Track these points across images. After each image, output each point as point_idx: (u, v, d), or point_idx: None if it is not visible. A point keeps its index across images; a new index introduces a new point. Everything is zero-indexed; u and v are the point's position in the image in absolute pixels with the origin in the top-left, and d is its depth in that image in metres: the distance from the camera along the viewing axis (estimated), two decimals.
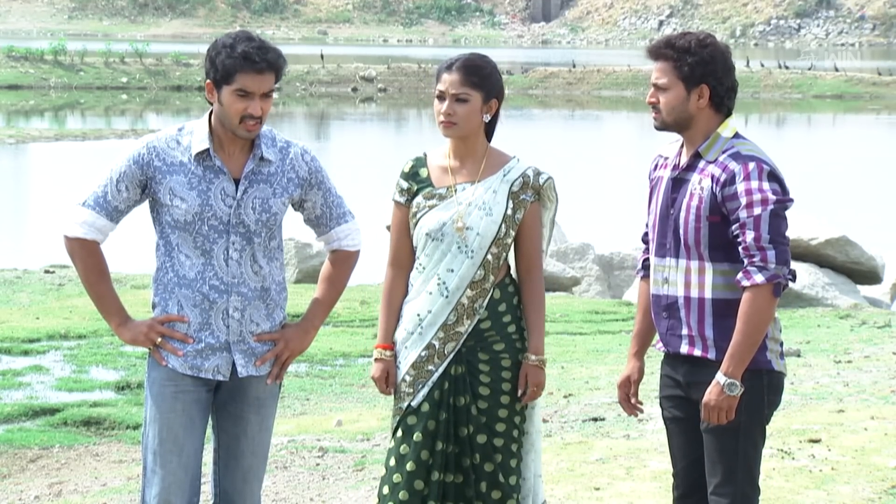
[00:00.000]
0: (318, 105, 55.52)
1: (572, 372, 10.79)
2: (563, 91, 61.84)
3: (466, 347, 5.06)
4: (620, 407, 5.06)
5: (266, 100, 4.66)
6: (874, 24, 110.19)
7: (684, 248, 4.65)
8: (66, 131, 40.32)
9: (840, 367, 10.64)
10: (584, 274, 17.03)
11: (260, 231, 4.72)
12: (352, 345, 11.93)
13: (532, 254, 5.10)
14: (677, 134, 4.73)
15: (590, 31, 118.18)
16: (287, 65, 4.76)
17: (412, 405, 5.06)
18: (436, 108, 5.06)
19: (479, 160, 5.10)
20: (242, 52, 4.61)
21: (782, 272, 4.50)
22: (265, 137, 4.76)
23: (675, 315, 4.70)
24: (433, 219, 5.05)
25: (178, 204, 4.66)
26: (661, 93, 4.66)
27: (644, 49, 4.99)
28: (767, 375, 4.64)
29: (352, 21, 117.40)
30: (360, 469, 7.66)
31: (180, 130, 4.75)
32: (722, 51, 4.66)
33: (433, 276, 5.06)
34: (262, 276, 4.74)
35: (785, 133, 43.08)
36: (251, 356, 4.75)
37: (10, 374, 10.52)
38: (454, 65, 5.04)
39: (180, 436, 4.72)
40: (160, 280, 4.75)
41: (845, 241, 16.08)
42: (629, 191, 27.96)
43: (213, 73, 4.66)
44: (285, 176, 4.77)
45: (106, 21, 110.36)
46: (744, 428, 4.62)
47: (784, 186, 4.56)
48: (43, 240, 20.76)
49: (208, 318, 4.70)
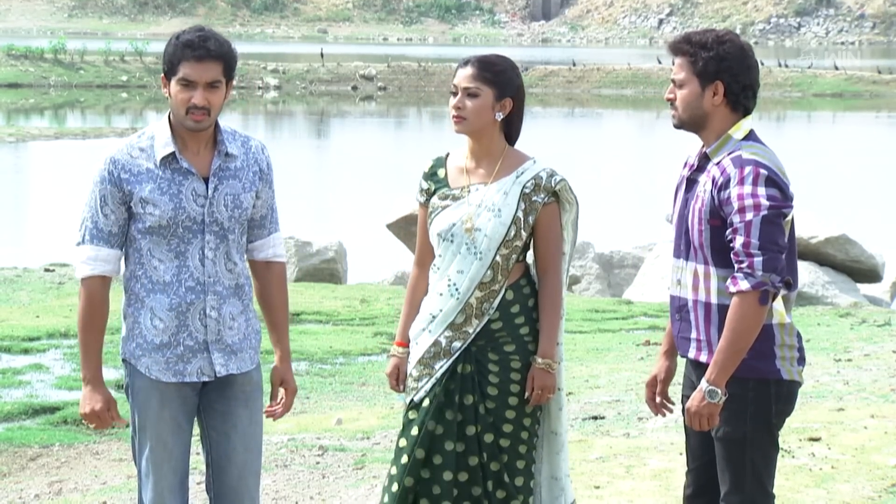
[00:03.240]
0: (318, 103, 55.49)
1: (572, 370, 10.79)
2: (563, 89, 61.82)
3: (477, 347, 5.05)
4: (647, 406, 4.96)
5: (213, 90, 4.58)
6: (874, 22, 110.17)
7: (693, 250, 4.60)
8: (65, 130, 40.32)
9: (840, 365, 10.63)
10: (583, 272, 17.03)
11: (233, 227, 4.68)
12: (352, 343, 11.93)
13: (547, 256, 5.06)
14: (694, 133, 4.66)
15: (590, 29, 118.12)
16: (237, 58, 4.67)
17: (414, 400, 5.08)
18: (450, 104, 5.06)
19: (494, 161, 5.08)
20: (184, 40, 4.57)
21: (770, 279, 4.41)
22: (226, 133, 4.71)
23: (686, 318, 4.65)
24: (444, 219, 5.06)
25: (150, 211, 4.59)
26: (678, 89, 4.62)
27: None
28: (776, 385, 4.55)
29: (352, 19, 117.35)
30: (360, 467, 7.66)
31: (140, 136, 4.70)
32: (741, 47, 4.56)
33: (445, 277, 5.06)
34: (235, 273, 4.71)
35: (785, 131, 43.05)
36: (230, 354, 4.72)
37: (10, 372, 10.52)
38: (470, 61, 5.05)
39: (169, 442, 4.70)
40: (131, 289, 4.69)
41: (845, 240, 16.09)
42: (629, 189, 27.98)
43: (164, 66, 4.64)
44: (250, 170, 4.72)
45: (106, 19, 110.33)
46: (750, 437, 4.55)
47: (785, 192, 4.45)
48: (43, 238, 20.77)
49: (185, 319, 4.65)
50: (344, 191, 25.38)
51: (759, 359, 4.53)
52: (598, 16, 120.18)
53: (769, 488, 4.64)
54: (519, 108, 5.10)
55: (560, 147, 32.93)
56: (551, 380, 5.05)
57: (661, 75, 61.18)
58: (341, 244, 17.30)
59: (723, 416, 4.55)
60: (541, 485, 5.15)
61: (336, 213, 22.40)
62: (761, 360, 4.54)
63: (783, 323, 4.56)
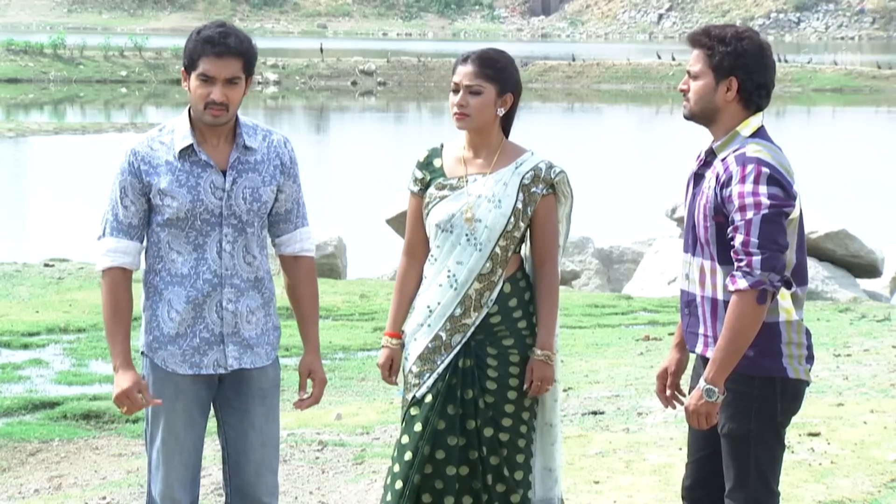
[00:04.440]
0: (317, 99, 55.49)
1: (572, 365, 10.79)
2: (563, 84, 61.82)
3: (476, 341, 5.05)
4: (657, 398, 4.93)
5: (232, 86, 4.59)
6: (874, 17, 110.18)
7: (700, 246, 4.60)
8: (65, 125, 40.33)
9: (839, 360, 10.63)
10: (583, 267, 17.04)
11: (252, 221, 4.69)
12: (351, 338, 11.93)
13: (545, 247, 5.08)
14: (704, 126, 4.64)
15: (589, 24, 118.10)
16: (257, 54, 4.69)
17: (416, 396, 5.07)
18: (450, 101, 5.06)
19: (493, 152, 5.08)
20: (205, 36, 4.58)
21: (768, 278, 4.38)
22: (246, 126, 4.72)
23: (694, 313, 4.64)
24: (443, 210, 5.06)
25: (169, 203, 4.61)
26: (693, 80, 4.61)
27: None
28: (781, 383, 4.53)
29: (351, 14, 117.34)
30: (360, 462, 7.66)
31: (161, 130, 4.72)
32: (760, 45, 4.55)
33: (444, 268, 5.06)
34: (255, 266, 4.72)
35: (784, 127, 43.03)
36: (245, 348, 4.73)
37: (9, 367, 10.52)
38: (470, 57, 5.04)
39: (181, 434, 4.71)
40: (150, 283, 4.71)
41: (845, 235, 16.10)
42: (629, 185, 27.97)
43: (184, 61, 4.65)
44: (271, 163, 4.73)
45: (105, 14, 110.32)
46: (755, 435, 4.54)
47: (788, 191, 4.43)
48: (42, 233, 20.78)
49: (202, 311, 4.67)
50: (343, 186, 25.39)
51: (766, 356, 4.52)
52: (598, 11, 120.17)
53: (774, 486, 4.62)
54: (517, 102, 5.12)
55: (560, 142, 32.93)
56: (550, 371, 5.06)
57: (660, 70, 61.20)
58: (341, 239, 17.30)
59: (728, 412, 4.54)
60: (535, 476, 5.16)
61: (336, 209, 22.42)
62: (767, 358, 4.52)
63: (790, 321, 4.54)
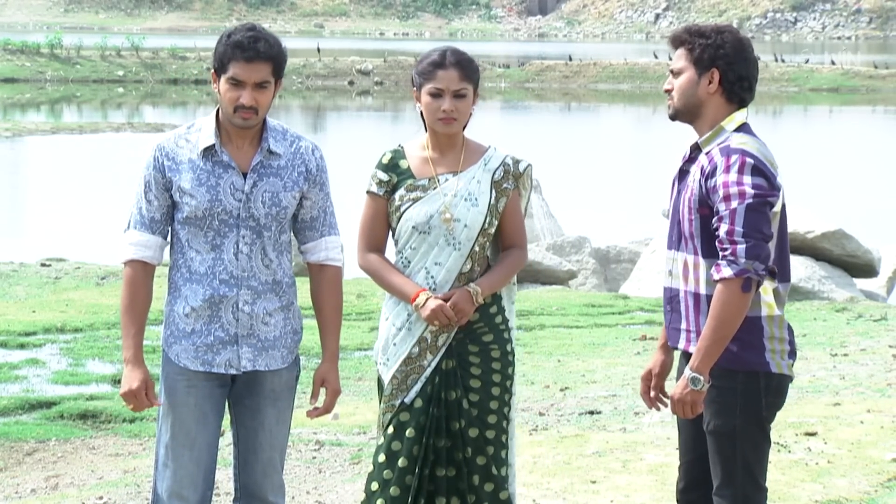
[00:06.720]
0: (314, 98, 55.49)
1: (568, 365, 10.80)
2: (560, 84, 61.84)
3: (456, 340, 5.06)
4: (642, 400, 4.94)
5: (261, 90, 4.63)
6: (870, 17, 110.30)
7: (683, 241, 4.62)
8: (62, 124, 40.31)
9: (836, 360, 10.64)
10: (580, 267, 17.04)
11: (270, 225, 4.70)
12: (348, 338, 11.92)
13: (515, 236, 5.10)
14: (689, 124, 4.67)
15: (586, 24, 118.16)
16: (286, 57, 4.72)
17: (405, 402, 5.05)
18: (430, 106, 5.02)
19: (459, 151, 5.10)
20: (235, 40, 4.60)
21: (753, 267, 4.40)
22: (274, 131, 4.75)
23: (676, 308, 4.66)
24: (419, 211, 5.04)
25: (187, 201, 4.64)
26: (675, 78, 4.64)
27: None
28: (765, 378, 4.55)
29: (348, 14, 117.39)
30: (357, 462, 7.66)
31: (189, 128, 4.75)
32: (739, 39, 4.61)
33: (421, 270, 5.05)
34: (272, 269, 4.73)
35: (781, 126, 43.06)
36: (260, 350, 4.74)
37: (6, 367, 10.51)
38: (446, 61, 5.02)
39: (192, 430, 4.72)
40: (171, 279, 4.75)
41: (841, 235, 16.10)
42: (626, 184, 27.97)
43: (214, 63, 4.67)
44: (295, 170, 4.75)
45: (102, 14, 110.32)
46: (740, 430, 4.56)
47: (772, 182, 4.46)
48: (39, 233, 20.77)
49: (218, 311, 4.68)
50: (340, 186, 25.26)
51: (748, 350, 4.54)
52: (595, 11, 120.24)
53: (761, 481, 4.64)
54: None
55: (557, 142, 32.95)
56: (469, 304, 4.97)
57: (657, 70, 61.20)
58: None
59: (713, 409, 4.56)
60: (512, 472, 5.16)
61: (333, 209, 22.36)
62: (750, 352, 4.54)
63: (772, 315, 4.56)
